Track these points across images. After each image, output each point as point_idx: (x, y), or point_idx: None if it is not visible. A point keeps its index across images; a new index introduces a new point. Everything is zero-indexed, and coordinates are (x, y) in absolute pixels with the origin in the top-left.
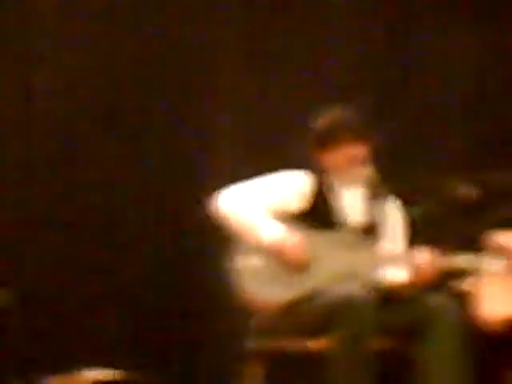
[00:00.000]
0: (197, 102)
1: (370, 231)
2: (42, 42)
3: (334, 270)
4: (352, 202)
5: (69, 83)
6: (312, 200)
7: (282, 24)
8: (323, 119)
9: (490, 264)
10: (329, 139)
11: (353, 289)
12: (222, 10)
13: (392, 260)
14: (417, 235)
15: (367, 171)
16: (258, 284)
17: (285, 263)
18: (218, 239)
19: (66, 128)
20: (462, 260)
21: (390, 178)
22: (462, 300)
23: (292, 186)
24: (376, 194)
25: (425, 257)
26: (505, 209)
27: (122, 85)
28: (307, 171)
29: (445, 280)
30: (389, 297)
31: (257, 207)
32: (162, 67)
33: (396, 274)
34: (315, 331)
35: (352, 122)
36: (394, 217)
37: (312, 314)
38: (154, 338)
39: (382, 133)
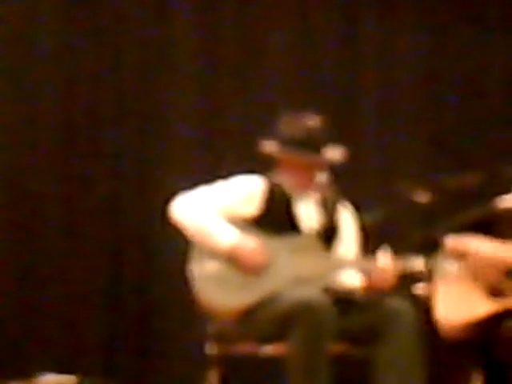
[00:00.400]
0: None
1: (325, 236)
2: None
3: (291, 274)
4: (307, 207)
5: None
6: (267, 204)
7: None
8: (295, 127)
9: (444, 267)
10: (298, 151)
11: (309, 293)
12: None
13: (348, 264)
14: (370, 240)
15: (323, 177)
16: (214, 289)
17: (241, 268)
18: (178, 244)
19: (19, 139)
20: (416, 264)
21: (344, 184)
22: (418, 303)
23: (246, 190)
24: (331, 199)
25: (382, 261)
26: (459, 212)
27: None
28: (263, 175)
29: (401, 284)
30: (345, 301)
31: (212, 212)
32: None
33: (352, 279)
34: (273, 336)
35: (322, 142)
36: (347, 222)
37: (269, 319)
38: (112, 344)
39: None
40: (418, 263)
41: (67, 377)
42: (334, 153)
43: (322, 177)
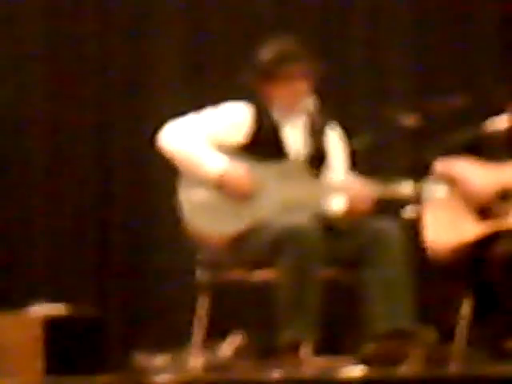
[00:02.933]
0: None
1: (314, 161)
2: None
3: (279, 201)
4: (295, 133)
5: None
6: (254, 131)
7: None
8: (269, 51)
9: (433, 191)
10: (275, 71)
11: (298, 219)
12: None
13: (334, 189)
14: (359, 164)
15: (310, 102)
16: (203, 217)
17: (230, 195)
18: (167, 172)
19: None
20: (404, 187)
21: (332, 108)
22: (407, 227)
23: (234, 118)
24: (318, 124)
25: (366, 186)
26: (448, 135)
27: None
28: (249, 102)
29: (389, 207)
30: (332, 226)
31: (199, 140)
32: None
33: (339, 204)
34: (262, 262)
35: (298, 54)
36: (335, 146)
37: (258, 245)
38: (102, 273)
39: (324, 63)
40: (406, 187)
41: (58, 306)
42: (315, 64)
43: (309, 100)
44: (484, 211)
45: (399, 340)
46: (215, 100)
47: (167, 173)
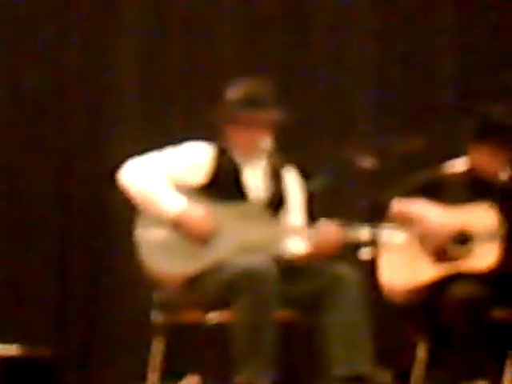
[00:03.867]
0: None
1: (273, 204)
2: None
3: (238, 242)
4: (255, 175)
5: None
6: (215, 172)
7: None
8: (235, 93)
9: (390, 236)
10: (238, 115)
11: (255, 261)
12: None
13: (295, 232)
14: (316, 207)
15: (269, 144)
16: (160, 257)
17: (188, 236)
18: (126, 211)
19: None
20: (362, 231)
21: (289, 150)
22: (364, 269)
23: (194, 158)
24: (277, 166)
25: (327, 229)
26: (406, 177)
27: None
28: (210, 143)
29: (346, 249)
30: (291, 269)
31: (159, 179)
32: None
33: (297, 246)
34: (218, 304)
35: (263, 101)
36: (293, 189)
37: (215, 287)
38: (59, 313)
39: (284, 106)
40: (363, 230)
41: (12, 346)
42: (279, 115)
43: (268, 143)
44: (440, 253)
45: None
46: (176, 139)
47: (127, 212)
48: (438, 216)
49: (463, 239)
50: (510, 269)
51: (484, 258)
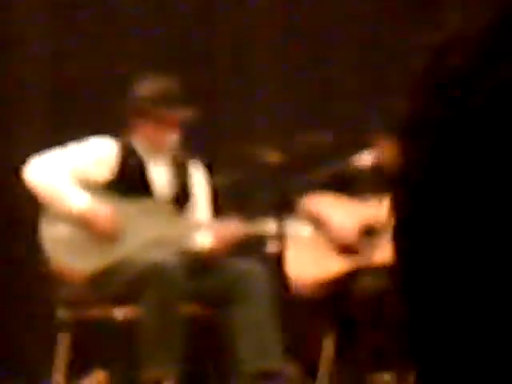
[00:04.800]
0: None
1: (179, 199)
2: None
3: (144, 237)
4: (160, 171)
5: None
6: (120, 168)
7: None
8: (141, 88)
9: (297, 229)
10: (147, 110)
11: (161, 256)
12: None
13: (200, 227)
14: (222, 202)
15: (175, 140)
16: (66, 253)
17: (93, 232)
18: (31, 208)
19: None
20: (268, 225)
21: (195, 146)
22: (271, 263)
23: (98, 154)
24: (183, 162)
25: (229, 224)
26: (312, 172)
27: None
28: (116, 138)
29: (253, 244)
30: (197, 264)
31: (63, 176)
32: None
33: (204, 241)
34: (125, 299)
35: (168, 93)
36: (199, 184)
37: (121, 282)
38: None
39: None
40: (269, 225)
41: None
42: (187, 112)
43: (174, 138)
44: (347, 247)
45: (265, 380)
46: (81, 135)
47: (31, 209)
48: (343, 212)
49: (370, 232)
50: None
51: (390, 251)
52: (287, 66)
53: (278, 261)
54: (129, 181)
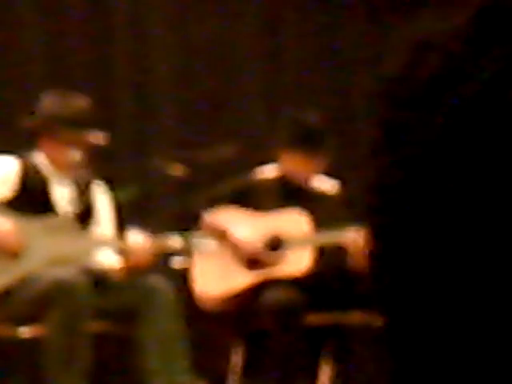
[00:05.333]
0: None
1: (82, 217)
2: None
3: (47, 255)
4: (63, 188)
5: None
6: (22, 186)
7: None
8: (45, 103)
9: (202, 244)
10: (50, 127)
11: (65, 273)
12: None
13: (104, 244)
14: (125, 218)
15: (78, 158)
16: None
17: None
18: None
19: None
20: (173, 240)
21: (97, 162)
22: (176, 278)
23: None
24: (85, 179)
25: (137, 240)
26: (216, 185)
27: None
28: (19, 155)
29: (158, 260)
30: (103, 281)
31: None
32: None
33: (109, 258)
34: (29, 317)
35: (73, 108)
36: (101, 201)
37: (25, 300)
38: None
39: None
40: (174, 240)
41: None
42: (97, 135)
43: (77, 157)
44: (253, 261)
45: None
46: None
47: None
48: (246, 225)
49: (275, 245)
50: (322, 274)
51: (296, 263)
52: (188, 79)
53: (183, 276)
54: (31, 199)
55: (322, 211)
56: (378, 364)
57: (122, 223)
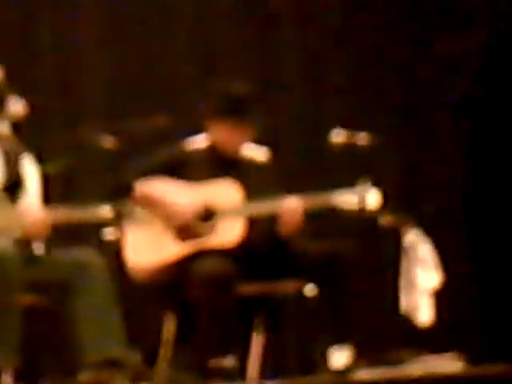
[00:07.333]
0: None
1: (11, 188)
2: None
3: None
4: None
5: None
6: None
7: None
8: None
9: (133, 213)
10: None
11: None
12: None
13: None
14: (56, 189)
15: (6, 129)
16: None
17: None
18: None
19: None
20: (103, 211)
21: (25, 135)
22: (108, 249)
23: None
24: (13, 151)
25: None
26: (146, 156)
27: None
28: None
29: (89, 232)
30: (33, 254)
31: None
32: None
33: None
34: None
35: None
36: (31, 174)
37: None
38: None
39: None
40: (105, 210)
41: None
42: (17, 105)
43: (5, 129)
44: (185, 231)
45: (109, 368)
46: None
47: None
48: (178, 195)
49: (207, 216)
50: (254, 244)
51: (228, 233)
52: (117, 49)
53: (114, 247)
54: None
55: (253, 179)
56: (311, 334)
57: (49, 195)
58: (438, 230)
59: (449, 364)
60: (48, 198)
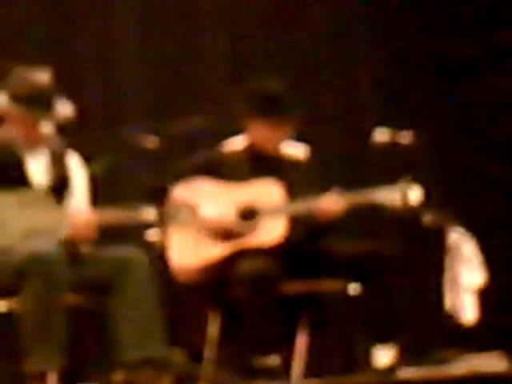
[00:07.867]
0: None
1: (56, 189)
2: None
3: (23, 228)
4: (37, 162)
5: None
6: None
7: None
8: (15, 81)
9: (177, 215)
10: (19, 103)
11: (42, 246)
12: None
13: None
14: (101, 189)
15: (50, 130)
16: None
17: None
18: None
19: None
20: (147, 212)
21: (69, 135)
22: (152, 250)
23: None
24: (59, 152)
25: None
26: (187, 157)
27: None
28: None
29: (133, 233)
30: (77, 253)
31: None
32: None
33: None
34: (7, 291)
35: (43, 87)
36: (77, 174)
37: (2, 274)
38: None
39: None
40: (148, 212)
41: None
42: (64, 108)
43: (49, 129)
44: (227, 232)
45: (149, 367)
46: None
47: None
48: (217, 198)
49: (249, 215)
50: (296, 243)
51: (270, 232)
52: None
53: (159, 248)
54: (5, 172)
55: (294, 178)
56: (355, 333)
57: (96, 196)
58: (482, 228)
59: (493, 363)
60: (95, 198)
